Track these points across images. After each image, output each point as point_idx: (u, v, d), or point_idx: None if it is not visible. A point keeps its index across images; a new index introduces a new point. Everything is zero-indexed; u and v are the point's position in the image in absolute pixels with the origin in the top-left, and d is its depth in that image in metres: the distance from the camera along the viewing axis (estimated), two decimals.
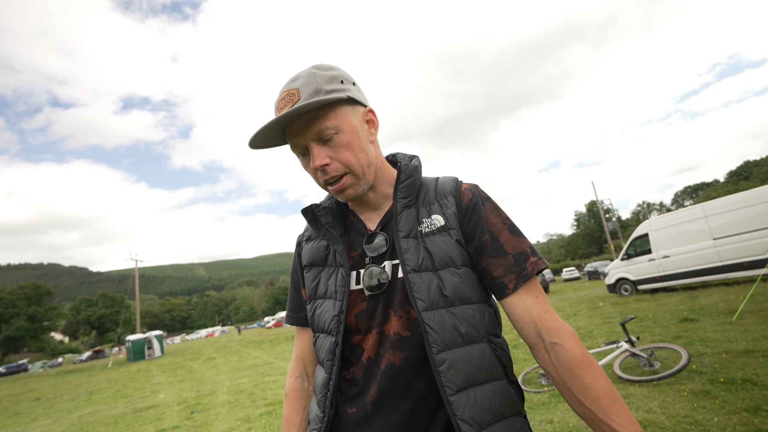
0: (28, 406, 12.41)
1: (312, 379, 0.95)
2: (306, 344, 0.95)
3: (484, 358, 0.74)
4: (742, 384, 3.39)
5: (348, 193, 0.80)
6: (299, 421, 0.91)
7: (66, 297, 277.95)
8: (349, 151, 0.78)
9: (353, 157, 0.79)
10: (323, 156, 0.77)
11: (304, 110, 0.72)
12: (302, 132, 0.77)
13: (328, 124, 0.76)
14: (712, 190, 73.64)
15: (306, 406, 0.92)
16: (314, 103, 0.71)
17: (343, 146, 0.78)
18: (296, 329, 0.98)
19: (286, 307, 1.00)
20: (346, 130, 0.78)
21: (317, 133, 0.76)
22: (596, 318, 8.62)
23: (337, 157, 0.78)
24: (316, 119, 0.76)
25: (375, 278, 0.79)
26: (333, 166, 0.78)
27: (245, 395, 7.27)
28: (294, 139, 0.78)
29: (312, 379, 0.95)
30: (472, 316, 0.75)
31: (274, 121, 0.73)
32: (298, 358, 0.96)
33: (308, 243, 0.94)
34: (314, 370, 0.95)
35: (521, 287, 0.77)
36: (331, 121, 0.77)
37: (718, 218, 9.03)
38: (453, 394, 0.69)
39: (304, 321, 0.94)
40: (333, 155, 0.77)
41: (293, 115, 0.72)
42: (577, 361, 0.71)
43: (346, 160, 0.78)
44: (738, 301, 7.17)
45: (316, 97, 0.74)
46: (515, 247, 0.79)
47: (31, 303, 63.32)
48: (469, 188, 0.85)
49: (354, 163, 0.79)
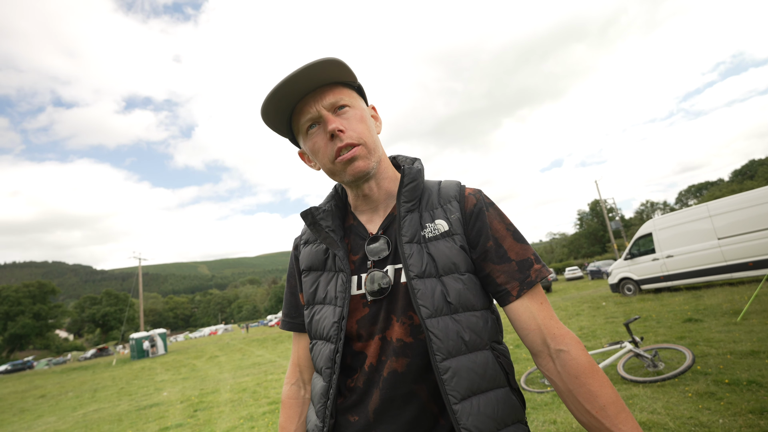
0: (34, 403, 12.50)
1: (308, 386, 0.93)
2: (303, 350, 0.93)
3: (488, 365, 0.73)
4: (747, 385, 3.37)
5: (358, 165, 0.77)
6: (294, 429, 0.89)
7: (70, 295, 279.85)
8: (363, 125, 0.79)
9: (366, 131, 0.79)
10: (339, 122, 0.76)
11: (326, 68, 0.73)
12: (316, 100, 0.76)
13: (343, 97, 0.78)
14: (716, 189, 73.10)
15: (302, 414, 0.90)
16: (336, 62, 0.72)
17: (356, 119, 0.78)
18: (293, 335, 0.96)
19: (282, 312, 0.98)
20: (358, 108, 0.80)
21: (332, 103, 0.77)
22: (599, 318, 8.59)
23: (351, 128, 0.77)
24: (331, 91, 0.77)
25: (377, 283, 0.77)
26: (348, 133, 0.76)
27: (248, 393, 7.30)
28: (306, 109, 0.77)
29: (308, 386, 0.93)
30: (475, 323, 0.74)
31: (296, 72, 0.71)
32: (295, 365, 0.95)
33: (306, 246, 0.91)
34: (310, 377, 0.93)
35: (525, 294, 0.76)
36: (345, 96, 0.78)
37: (722, 218, 8.97)
38: (457, 403, 0.68)
39: (301, 327, 0.92)
40: (347, 125, 0.77)
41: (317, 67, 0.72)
42: (583, 368, 0.70)
43: (360, 131, 0.78)
44: (743, 301, 7.12)
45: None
46: (519, 254, 0.78)
47: (36, 301, 63.77)
48: (473, 193, 0.84)
49: (367, 136, 0.79)
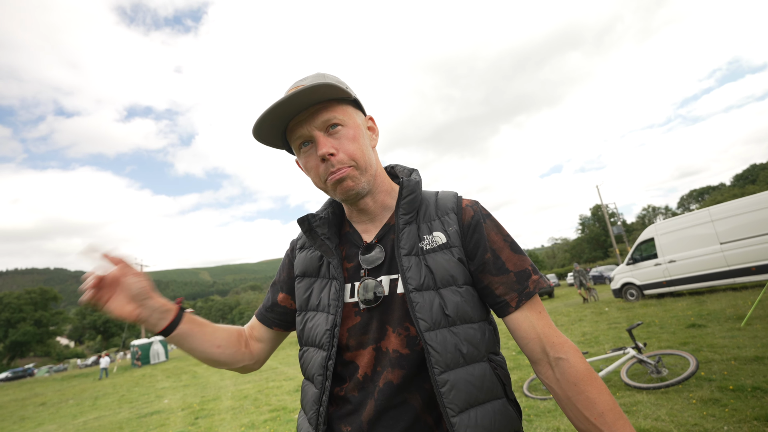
0: (34, 410, 12.45)
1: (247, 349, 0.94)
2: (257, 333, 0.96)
3: (485, 377, 0.73)
4: (752, 392, 3.34)
5: (347, 185, 0.78)
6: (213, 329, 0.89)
7: (72, 301, 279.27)
8: (355, 144, 0.78)
9: (358, 151, 0.78)
10: (329, 145, 0.76)
11: (317, 90, 0.72)
12: (308, 121, 0.76)
13: (336, 115, 0.77)
14: (718, 193, 72.92)
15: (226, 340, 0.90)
16: (328, 85, 0.72)
17: (348, 139, 0.78)
18: (260, 324, 0.96)
19: (263, 303, 0.99)
20: (351, 125, 0.79)
21: (324, 122, 0.76)
22: (602, 323, 8.55)
23: (343, 149, 0.77)
24: (324, 110, 0.76)
25: (370, 291, 0.77)
26: (338, 157, 0.76)
27: (249, 401, 7.26)
28: (298, 130, 0.78)
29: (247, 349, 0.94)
30: (473, 335, 0.74)
31: (287, 97, 0.71)
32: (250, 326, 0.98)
33: (302, 252, 0.92)
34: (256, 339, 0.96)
35: (524, 305, 0.77)
36: (338, 113, 0.78)
37: (725, 222, 8.95)
38: (455, 416, 0.68)
39: (271, 322, 0.95)
40: (338, 146, 0.77)
41: (307, 92, 0.71)
42: (582, 375, 0.70)
43: (352, 152, 0.77)
44: (746, 306, 7.08)
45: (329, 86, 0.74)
46: (517, 265, 0.79)
47: (38, 308, 63.78)
48: (470, 205, 0.85)
49: (359, 157, 0.78)
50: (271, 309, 0.95)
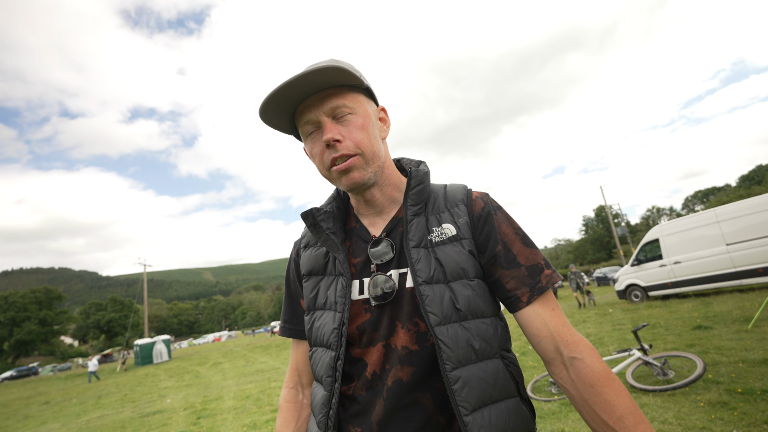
0: (38, 409, 12.51)
1: (306, 390, 0.90)
2: (302, 356, 0.90)
3: (498, 374, 0.70)
4: (761, 395, 3.29)
5: (353, 176, 0.75)
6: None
7: (76, 301, 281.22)
8: (363, 133, 0.76)
9: (366, 140, 0.76)
10: (336, 131, 0.73)
11: (328, 73, 0.70)
12: (317, 106, 0.74)
13: (345, 102, 0.75)
14: (723, 194, 72.39)
15: (298, 418, 0.87)
16: (339, 68, 0.70)
17: (356, 127, 0.75)
18: (293, 341, 0.93)
19: (281, 317, 0.94)
20: (361, 114, 0.77)
21: (332, 109, 0.74)
22: (606, 324, 8.49)
23: (350, 136, 0.74)
24: (335, 95, 0.74)
25: (380, 287, 0.74)
26: (344, 143, 0.74)
27: (251, 401, 7.25)
28: (306, 114, 0.75)
29: (306, 391, 0.90)
30: (485, 330, 0.72)
31: (296, 77, 0.68)
32: (294, 369, 0.92)
33: (306, 250, 0.89)
34: (309, 381, 0.90)
35: (536, 300, 0.74)
36: (348, 100, 0.75)
37: (731, 223, 8.87)
38: (468, 414, 0.65)
39: (301, 333, 0.89)
40: (345, 133, 0.74)
41: (317, 74, 0.69)
42: (598, 376, 0.67)
43: (359, 140, 0.75)
44: (753, 308, 7.00)
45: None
46: (528, 259, 0.76)
47: (42, 307, 64.13)
48: (480, 196, 0.82)
49: (366, 146, 0.75)
50: (297, 320, 0.90)
